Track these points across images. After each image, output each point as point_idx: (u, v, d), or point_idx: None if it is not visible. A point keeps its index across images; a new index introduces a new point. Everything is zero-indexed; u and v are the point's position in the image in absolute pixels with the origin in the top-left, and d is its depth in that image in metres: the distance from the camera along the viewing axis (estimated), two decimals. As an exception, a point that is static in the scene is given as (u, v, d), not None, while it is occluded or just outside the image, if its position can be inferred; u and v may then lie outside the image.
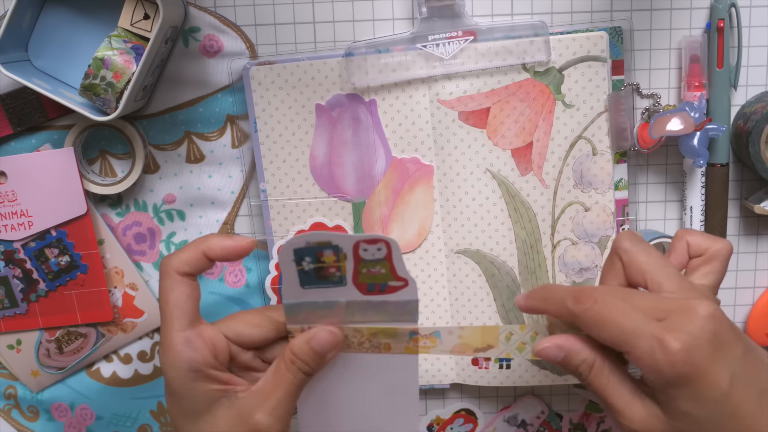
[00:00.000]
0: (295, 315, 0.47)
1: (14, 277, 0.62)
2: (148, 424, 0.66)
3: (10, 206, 0.60)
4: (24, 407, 0.66)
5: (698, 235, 0.48)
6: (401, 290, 0.46)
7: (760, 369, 0.42)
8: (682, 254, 0.48)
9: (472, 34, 0.57)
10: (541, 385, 0.63)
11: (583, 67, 0.57)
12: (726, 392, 0.41)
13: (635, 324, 0.42)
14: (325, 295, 0.46)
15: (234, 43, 0.59)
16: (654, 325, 0.41)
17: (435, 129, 0.58)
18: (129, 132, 0.59)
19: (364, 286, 0.46)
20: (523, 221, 0.59)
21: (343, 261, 0.45)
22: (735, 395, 0.41)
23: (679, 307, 0.42)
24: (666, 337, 0.40)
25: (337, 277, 0.46)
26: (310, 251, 0.45)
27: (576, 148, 0.58)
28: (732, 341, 0.42)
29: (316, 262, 0.45)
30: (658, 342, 0.41)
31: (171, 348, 0.45)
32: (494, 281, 0.60)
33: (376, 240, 0.44)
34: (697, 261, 0.48)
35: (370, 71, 0.57)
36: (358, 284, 0.46)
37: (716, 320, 0.41)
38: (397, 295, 0.46)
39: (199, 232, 0.62)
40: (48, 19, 0.57)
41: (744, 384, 0.41)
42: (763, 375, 0.42)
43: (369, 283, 0.46)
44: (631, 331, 0.42)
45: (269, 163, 0.60)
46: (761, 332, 0.62)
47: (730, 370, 0.41)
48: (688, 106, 0.56)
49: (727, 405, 0.41)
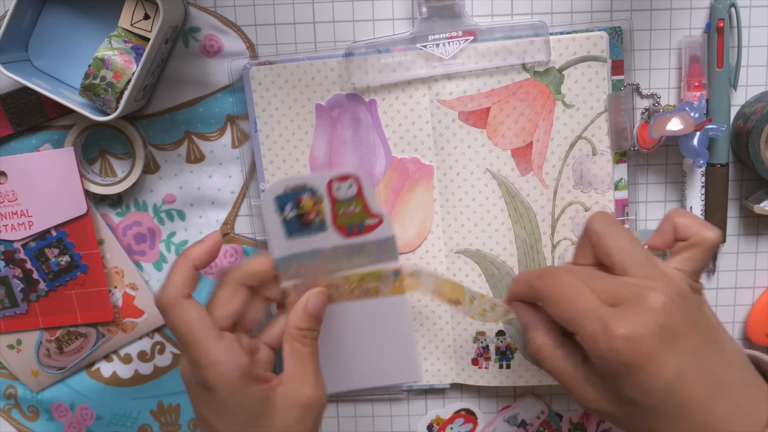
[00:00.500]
0: (287, 270, 0.50)
1: (14, 277, 0.62)
2: (148, 424, 0.66)
3: (10, 206, 0.60)
4: (24, 407, 0.66)
5: (689, 218, 0.47)
6: (378, 228, 0.51)
7: (717, 363, 0.42)
8: (667, 235, 0.47)
9: (472, 34, 0.57)
10: (541, 385, 0.63)
11: (583, 67, 0.57)
12: (671, 384, 0.41)
13: (587, 306, 0.42)
14: (310, 244, 0.50)
15: (234, 43, 0.59)
16: (604, 310, 0.42)
17: (435, 129, 0.58)
18: (129, 132, 0.60)
19: (344, 229, 0.50)
20: (523, 221, 0.59)
21: (320, 204, 0.49)
22: (683, 388, 0.41)
23: (634, 295, 0.42)
24: (611, 322, 0.41)
25: (317, 222, 0.50)
26: (290, 197, 0.49)
27: (576, 148, 0.58)
28: (685, 333, 0.41)
29: (297, 209, 0.49)
30: (603, 326, 0.41)
31: (216, 363, 0.46)
32: (494, 281, 0.60)
33: (346, 176, 0.49)
34: (681, 245, 0.46)
35: (370, 71, 0.57)
36: (338, 227, 0.50)
37: (667, 312, 0.41)
38: (375, 234, 0.51)
39: (200, 232, 0.62)
40: (48, 19, 0.57)
41: (695, 377, 0.41)
42: (720, 369, 0.42)
43: (348, 224, 0.50)
44: (582, 312, 0.42)
45: (269, 163, 0.60)
46: (761, 332, 0.62)
47: (678, 362, 0.41)
48: (688, 106, 0.56)
49: (674, 396, 0.41)
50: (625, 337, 0.40)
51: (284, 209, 0.49)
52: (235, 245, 0.62)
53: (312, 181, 0.49)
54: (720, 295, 0.63)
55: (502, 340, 0.61)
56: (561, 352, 0.46)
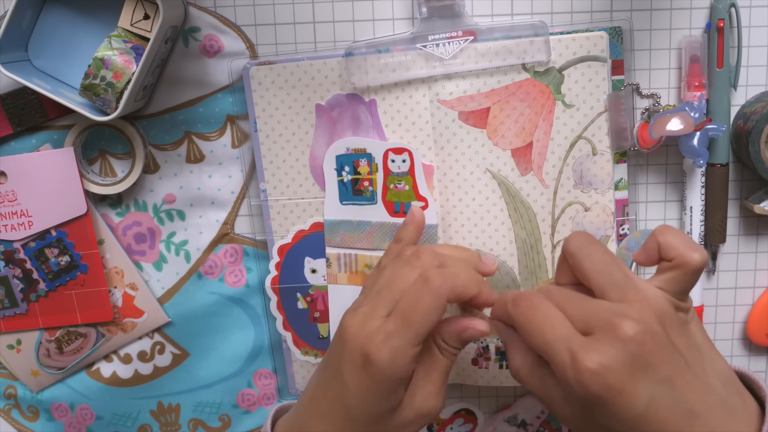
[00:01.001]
0: (334, 236, 0.54)
1: (14, 277, 0.62)
2: (148, 424, 0.66)
3: (10, 206, 0.60)
4: (24, 407, 0.66)
5: (675, 237, 0.45)
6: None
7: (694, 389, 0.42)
8: (651, 253, 0.46)
9: (472, 34, 0.57)
10: (541, 385, 0.63)
11: (583, 67, 0.57)
12: (642, 413, 0.40)
13: (557, 336, 0.42)
14: (359, 214, 0.54)
15: (234, 43, 0.59)
16: (575, 340, 0.41)
17: (435, 129, 0.58)
18: (129, 132, 0.60)
19: (391, 206, 0.54)
20: (523, 221, 0.59)
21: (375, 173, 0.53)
22: (655, 417, 0.40)
23: (606, 324, 0.41)
24: (580, 354, 0.40)
25: (369, 192, 0.54)
26: (349, 159, 0.53)
27: (576, 148, 0.58)
28: (656, 363, 0.41)
29: (354, 173, 0.53)
30: (571, 358, 0.41)
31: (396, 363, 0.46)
32: (494, 281, 0.60)
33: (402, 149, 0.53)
34: (665, 265, 0.45)
35: (370, 71, 0.57)
36: (386, 203, 0.54)
37: (638, 342, 0.41)
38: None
39: (200, 232, 0.62)
40: (48, 19, 0.57)
41: (667, 406, 0.41)
42: (696, 396, 0.41)
43: (395, 202, 0.54)
44: (552, 343, 0.42)
45: (269, 163, 0.60)
46: (761, 332, 0.62)
47: (649, 392, 0.40)
48: (688, 106, 0.56)
49: (649, 424, 0.41)
50: (591, 370, 0.40)
51: (342, 171, 0.50)
52: (235, 245, 0.62)
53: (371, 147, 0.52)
54: (720, 295, 0.63)
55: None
56: (538, 373, 0.45)
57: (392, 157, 0.54)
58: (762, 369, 0.65)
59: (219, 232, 0.62)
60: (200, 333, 0.64)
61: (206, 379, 0.65)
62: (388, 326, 0.46)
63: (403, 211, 0.55)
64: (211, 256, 0.62)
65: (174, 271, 0.63)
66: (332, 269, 0.58)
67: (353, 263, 0.59)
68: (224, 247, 0.62)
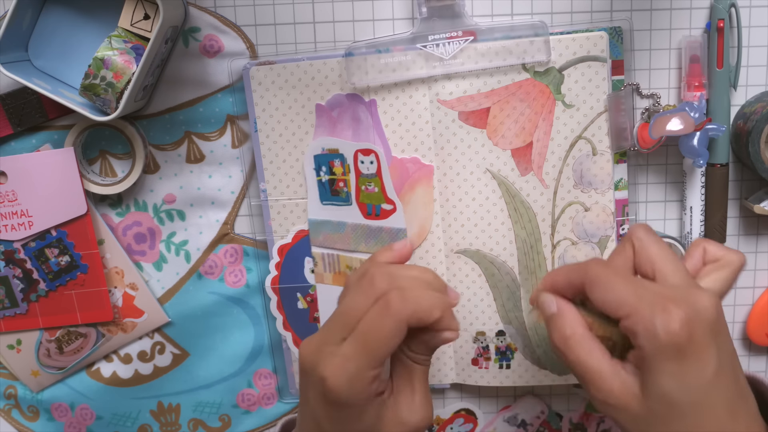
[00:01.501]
0: (317, 236, 0.55)
1: (14, 277, 0.62)
2: (148, 424, 0.66)
3: (10, 206, 0.60)
4: (24, 407, 0.66)
5: (715, 244, 0.50)
6: (392, 216, 0.55)
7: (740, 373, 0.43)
8: (697, 260, 0.49)
9: (472, 34, 0.57)
10: (541, 385, 0.63)
11: (583, 67, 0.57)
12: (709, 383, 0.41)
13: (640, 292, 0.43)
14: (338, 214, 0.55)
15: (234, 43, 0.59)
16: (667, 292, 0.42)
17: (435, 129, 0.58)
18: (129, 132, 0.60)
19: (364, 208, 0.55)
20: (523, 221, 0.59)
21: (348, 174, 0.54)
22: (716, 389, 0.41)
23: (683, 295, 0.42)
24: (670, 305, 0.41)
25: (344, 193, 0.55)
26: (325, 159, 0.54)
27: (576, 148, 0.58)
28: (727, 336, 0.43)
29: (330, 173, 0.54)
30: (661, 308, 0.41)
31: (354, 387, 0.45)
32: (494, 281, 0.60)
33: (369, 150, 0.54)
34: (709, 267, 0.49)
35: (370, 71, 0.57)
36: (360, 204, 0.55)
37: (718, 311, 0.42)
38: (390, 222, 0.55)
39: (200, 232, 0.62)
40: (48, 19, 0.57)
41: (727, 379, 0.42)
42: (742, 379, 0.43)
43: (368, 204, 0.55)
44: (635, 296, 0.42)
45: (269, 163, 0.60)
46: (761, 332, 0.62)
47: (719, 359, 0.41)
48: (688, 106, 0.56)
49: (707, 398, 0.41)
50: (683, 319, 0.41)
51: (320, 171, 0.53)
52: (235, 245, 0.62)
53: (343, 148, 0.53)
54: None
55: (502, 340, 0.61)
56: (588, 344, 0.45)
57: (361, 158, 0.55)
58: (762, 369, 0.65)
59: (219, 232, 0.62)
60: (200, 333, 0.64)
61: (206, 379, 0.65)
62: (345, 350, 0.45)
63: (375, 214, 0.55)
64: (211, 256, 0.62)
65: (174, 271, 0.63)
66: (319, 269, 0.58)
67: (336, 263, 0.60)
68: (224, 247, 0.62)
